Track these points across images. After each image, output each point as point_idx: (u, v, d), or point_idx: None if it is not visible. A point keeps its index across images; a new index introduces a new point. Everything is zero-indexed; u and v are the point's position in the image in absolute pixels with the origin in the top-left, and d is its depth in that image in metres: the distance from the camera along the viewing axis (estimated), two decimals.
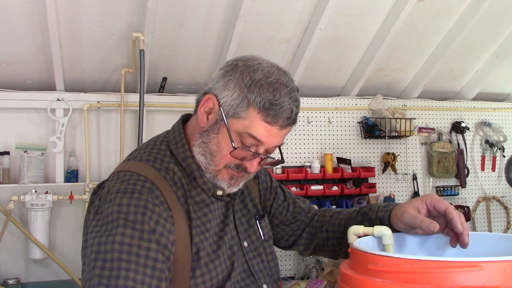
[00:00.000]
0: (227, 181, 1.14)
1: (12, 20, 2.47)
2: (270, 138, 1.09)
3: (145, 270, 0.97)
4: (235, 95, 1.07)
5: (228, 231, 1.17)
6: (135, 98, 2.88)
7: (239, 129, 1.08)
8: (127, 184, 1.06)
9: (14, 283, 2.55)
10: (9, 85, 2.79)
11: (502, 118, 3.73)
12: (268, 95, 1.06)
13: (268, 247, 1.27)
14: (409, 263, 0.85)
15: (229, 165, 1.12)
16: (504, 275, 0.82)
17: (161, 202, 1.05)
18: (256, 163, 1.12)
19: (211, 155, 1.12)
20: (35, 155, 2.73)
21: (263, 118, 1.06)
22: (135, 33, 2.61)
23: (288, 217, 1.40)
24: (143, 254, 0.98)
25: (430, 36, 3.13)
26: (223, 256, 1.13)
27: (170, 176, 1.11)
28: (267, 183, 1.40)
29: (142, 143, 2.87)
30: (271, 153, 1.15)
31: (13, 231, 2.62)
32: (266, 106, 1.05)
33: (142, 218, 1.00)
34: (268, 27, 2.80)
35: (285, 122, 1.08)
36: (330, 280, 2.70)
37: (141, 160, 1.14)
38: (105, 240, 0.98)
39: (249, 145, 1.09)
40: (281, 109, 1.06)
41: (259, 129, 1.07)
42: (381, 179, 3.38)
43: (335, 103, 3.34)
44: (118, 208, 1.01)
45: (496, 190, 3.68)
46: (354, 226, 1.13)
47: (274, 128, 1.08)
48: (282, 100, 1.06)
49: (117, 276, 0.94)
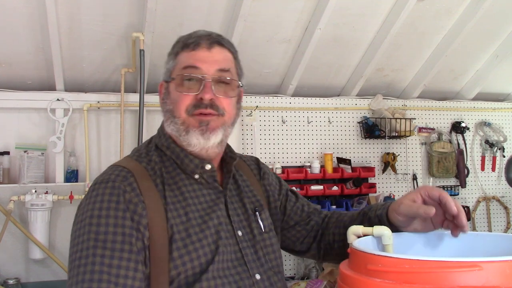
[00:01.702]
0: (197, 129, 1.16)
1: (12, 20, 2.47)
2: (204, 61, 1.16)
3: (122, 254, 1.02)
4: (168, 63, 1.23)
5: (215, 217, 1.16)
6: (135, 98, 2.89)
7: (178, 73, 1.18)
8: (104, 175, 1.14)
9: (14, 283, 2.55)
10: (9, 85, 2.79)
11: (502, 118, 3.73)
12: (184, 37, 1.21)
13: (268, 238, 1.26)
14: (409, 263, 0.85)
15: (189, 108, 1.16)
16: (504, 275, 0.82)
17: (133, 189, 1.10)
18: (208, 87, 1.15)
19: (173, 115, 1.19)
20: (35, 155, 2.73)
21: (188, 51, 1.18)
22: (135, 33, 2.61)
23: (303, 217, 1.39)
24: (118, 240, 1.03)
25: (430, 36, 3.13)
26: (206, 240, 1.12)
27: (151, 166, 1.17)
28: (274, 186, 1.39)
29: (142, 143, 2.89)
30: (222, 79, 1.19)
31: (13, 231, 2.62)
32: (185, 42, 1.19)
33: (115, 205, 1.07)
34: (268, 27, 2.80)
35: (208, 42, 1.18)
36: (330, 280, 2.70)
37: (128, 157, 1.23)
38: (82, 232, 1.05)
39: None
40: (197, 35, 1.19)
41: (189, 59, 1.17)
42: (381, 179, 3.38)
43: (335, 103, 3.34)
44: (94, 199, 1.09)
45: (496, 190, 3.68)
46: (353, 226, 1.13)
47: (201, 51, 1.17)
48: (196, 32, 1.20)
49: (93, 263, 1.01)
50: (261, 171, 1.39)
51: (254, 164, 1.40)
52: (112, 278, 1.00)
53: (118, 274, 1.01)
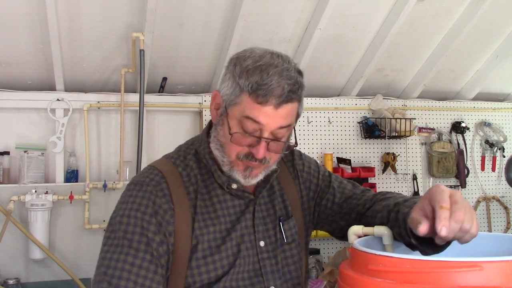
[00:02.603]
0: (242, 172, 1.16)
1: (12, 20, 2.47)
2: (268, 119, 1.10)
3: (145, 255, 1.08)
4: (229, 85, 1.14)
5: (239, 228, 1.19)
6: (135, 98, 2.88)
7: (237, 115, 1.12)
8: (140, 177, 1.20)
9: (14, 283, 2.55)
10: (9, 85, 2.79)
11: (502, 118, 3.73)
12: (255, 77, 1.09)
13: (289, 250, 1.26)
14: (409, 263, 0.85)
15: (240, 156, 1.15)
16: (504, 275, 0.82)
17: (164, 195, 1.15)
18: (262, 149, 1.12)
19: (222, 147, 1.17)
20: (35, 155, 2.73)
21: (254, 100, 1.09)
22: (135, 33, 2.61)
23: (335, 209, 1.35)
24: (143, 241, 1.09)
25: (430, 36, 3.13)
26: (226, 252, 1.16)
27: (187, 172, 1.20)
28: (310, 181, 1.37)
29: (142, 143, 2.89)
30: (281, 137, 1.15)
31: (13, 231, 2.61)
32: (254, 88, 1.09)
33: (144, 209, 1.12)
34: (268, 27, 2.80)
35: (278, 100, 1.09)
36: (330, 280, 2.70)
37: (167, 157, 1.26)
38: (111, 229, 1.14)
39: (251, 131, 1.12)
40: (270, 88, 1.08)
41: (253, 111, 1.10)
42: (381, 179, 3.38)
43: (335, 103, 3.34)
44: (128, 199, 1.16)
45: (496, 190, 3.68)
46: (354, 226, 1.13)
47: (268, 108, 1.10)
48: (270, 79, 1.09)
49: (117, 259, 1.08)
50: (295, 169, 1.36)
51: (289, 162, 1.37)
52: (132, 276, 1.05)
53: (138, 273, 1.06)
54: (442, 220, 0.90)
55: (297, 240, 1.29)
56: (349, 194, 1.37)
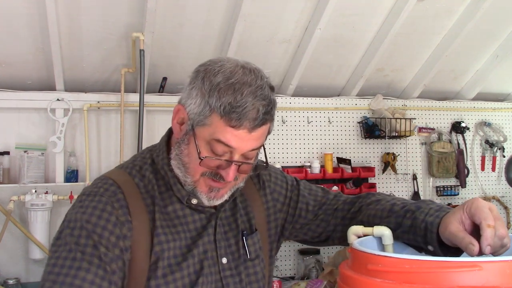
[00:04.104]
0: (205, 193, 1.09)
1: (12, 20, 2.47)
2: (240, 143, 1.02)
3: (97, 270, 0.99)
4: (197, 102, 1.03)
5: (201, 244, 1.11)
6: (135, 98, 2.89)
7: (206, 137, 1.03)
8: (93, 187, 1.09)
9: (14, 283, 2.55)
10: (9, 85, 2.79)
11: (502, 118, 3.73)
12: (228, 98, 0.99)
13: (253, 267, 1.18)
14: (409, 263, 0.85)
15: (205, 173, 1.07)
16: (504, 275, 0.82)
17: (121, 206, 1.06)
18: (232, 172, 1.04)
19: (184, 167, 1.08)
20: (35, 155, 2.73)
21: (227, 123, 1.00)
22: (135, 33, 2.61)
23: (309, 217, 1.30)
24: (96, 255, 1.00)
25: (430, 36, 3.13)
26: (187, 270, 1.08)
27: (144, 183, 1.11)
28: (279, 193, 1.30)
29: (142, 143, 2.88)
30: (251, 158, 1.08)
31: (13, 231, 2.61)
32: (227, 110, 0.99)
33: (96, 221, 1.03)
34: (268, 27, 2.80)
35: (252, 124, 1.00)
36: (330, 280, 2.70)
37: (121, 168, 1.16)
38: (60, 243, 1.03)
39: (220, 153, 1.03)
40: (244, 111, 0.99)
41: (225, 135, 1.01)
42: (381, 179, 3.38)
43: (335, 103, 3.34)
44: (78, 210, 1.06)
45: (496, 190, 3.68)
46: (354, 226, 1.12)
47: (242, 131, 1.01)
48: (244, 101, 0.99)
49: (66, 274, 0.98)
50: (260, 179, 1.29)
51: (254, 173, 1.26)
52: None
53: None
54: (489, 239, 0.90)
55: (261, 256, 1.21)
56: (323, 200, 1.32)
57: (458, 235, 0.95)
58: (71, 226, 1.03)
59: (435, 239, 1.02)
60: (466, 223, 0.97)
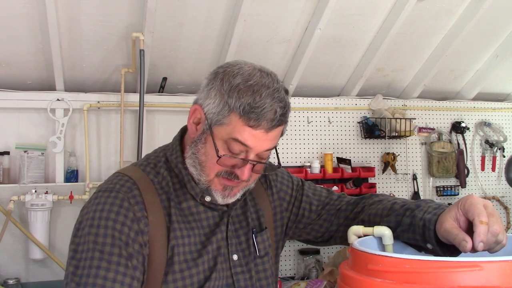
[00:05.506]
0: (220, 192, 1.12)
1: (12, 20, 2.47)
2: (257, 142, 1.06)
3: (118, 268, 1.00)
4: (216, 102, 1.07)
5: (215, 241, 1.14)
6: (135, 98, 2.89)
7: (224, 136, 1.06)
8: (109, 184, 1.11)
9: (14, 283, 2.55)
10: (9, 85, 2.79)
11: (502, 118, 3.73)
12: (247, 98, 1.03)
13: (262, 264, 1.21)
14: (409, 263, 0.85)
15: (220, 173, 1.10)
16: (504, 275, 0.82)
17: (137, 202, 1.07)
18: (247, 170, 1.08)
19: (200, 165, 1.11)
20: (35, 155, 2.73)
21: (246, 123, 1.04)
22: (135, 33, 2.61)
23: (312, 216, 1.33)
24: (115, 252, 1.01)
25: (430, 36, 3.13)
26: (203, 266, 1.10)
27: (158, 180, 1.14)
28: (285, 192, 1.34)
29: (142, 143, 2.88)
30: (265, 158, 1.12)
31: (13, 231, 2.62)
32: (247, 110, 1.03)
33: (115, 217, 1.04)
34: (268, 27, 2.80)
35: (270, 124, 1.05)
36: (330, 280, 2.70)
37: (135, 165, 1.18)
38: (78, 242, 1.04)
39: (237, 152, 1.07)
40: (263, 111, 1.04)
41: (243, 134, 1.05)
42: (381, 179, 3.38)
43: (335, 103, 3.34)
44: (95, 208, 1.06)
45: (496, 190, 3.68)
46: (354, 226, 1.13)
47: (259, 131, 1.05)
48: (263, 102, 1.04)
49: (88, 274, 0.99)
50: (267, 179, 1.33)
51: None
52: None
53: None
54: (482, 235, 0.91)
55: (270, 254, 1.25)
56: (326, 200, 1.34)
57: (452, 231, 0.97)
58: (89, 224, 1.04)
59: (433, 236, 1.03)
60: (460, 220, 0.99)
